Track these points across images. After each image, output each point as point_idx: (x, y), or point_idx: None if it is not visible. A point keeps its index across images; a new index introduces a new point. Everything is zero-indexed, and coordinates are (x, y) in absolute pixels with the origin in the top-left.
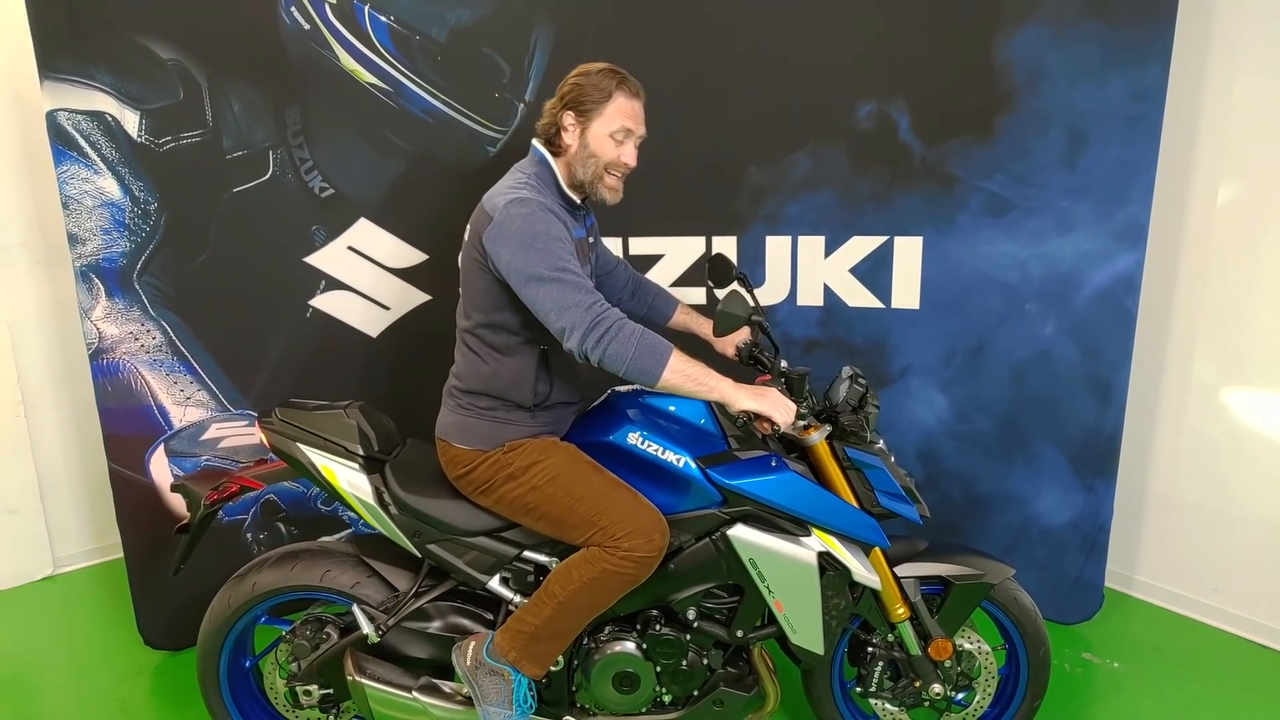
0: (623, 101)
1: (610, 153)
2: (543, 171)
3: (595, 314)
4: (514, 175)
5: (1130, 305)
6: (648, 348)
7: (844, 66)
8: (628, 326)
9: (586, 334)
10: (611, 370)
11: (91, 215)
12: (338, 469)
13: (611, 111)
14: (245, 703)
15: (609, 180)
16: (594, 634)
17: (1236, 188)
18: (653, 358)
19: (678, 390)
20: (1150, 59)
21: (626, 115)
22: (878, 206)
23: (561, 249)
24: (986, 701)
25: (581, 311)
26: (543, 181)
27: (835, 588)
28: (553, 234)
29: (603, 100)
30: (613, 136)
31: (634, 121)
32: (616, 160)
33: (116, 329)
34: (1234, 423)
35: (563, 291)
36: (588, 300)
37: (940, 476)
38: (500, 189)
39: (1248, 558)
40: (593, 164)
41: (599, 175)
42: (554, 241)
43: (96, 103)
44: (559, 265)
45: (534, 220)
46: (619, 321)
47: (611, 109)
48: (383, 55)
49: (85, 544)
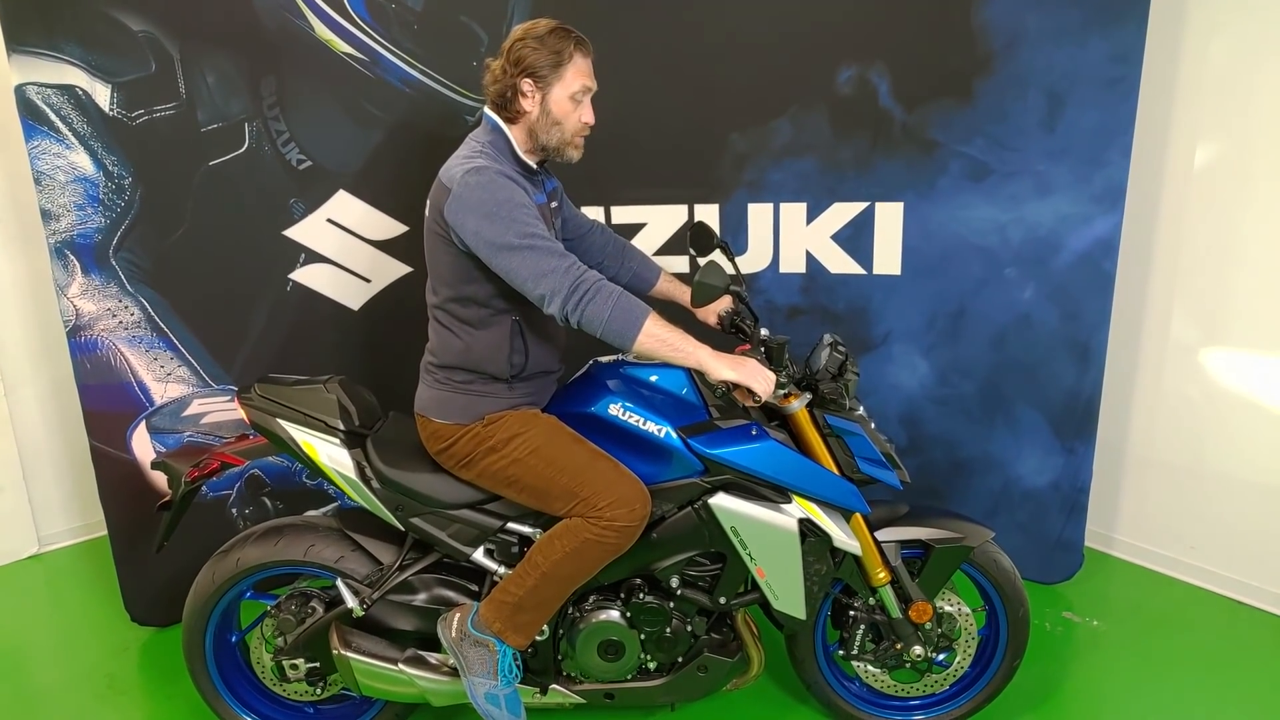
0: (580, 62)
1: (573, 115)
2: (497, 139)
3: (573, 277)
4: (468, 145)
5: (1108, 268)
6: (624, 310)
7: (824, 31)
8: (605, 288)
9: (567, 298)
10: (589, 331)
11: (65, 191)
12: (319, 444)
13: (571, 74)
14: (232, 677)
15: (577, 141)
16: (578, 603)
17: (1213, 149)
18: (628, 320)
19: (654, 355)
20: (1128, 19)
21: (584, 75)
22: (859, 172)
23: (526, 214)
24: (967, 662)
25: (559, 276)
26: (498, 149)
27: (816, 554)
28: (516, 200)
29: (561, 63)
30: (574, 98)
31: (590, 78)
32: (579, 122)
33: (94, 306)
34: (1211, 384)
35: (537, 258)
36: (563, 264)
37: (922, 441)
38: (455, 160)
39: (1224, 516)
40: (557, 131)
41: (567, 141)
42: (518, 208)
43: (66, 76)
44: (527, 231)
45: (494, 188)
46: (597, 283)
47: (570, 71)
48: (358, 24)
49: (69, 521)
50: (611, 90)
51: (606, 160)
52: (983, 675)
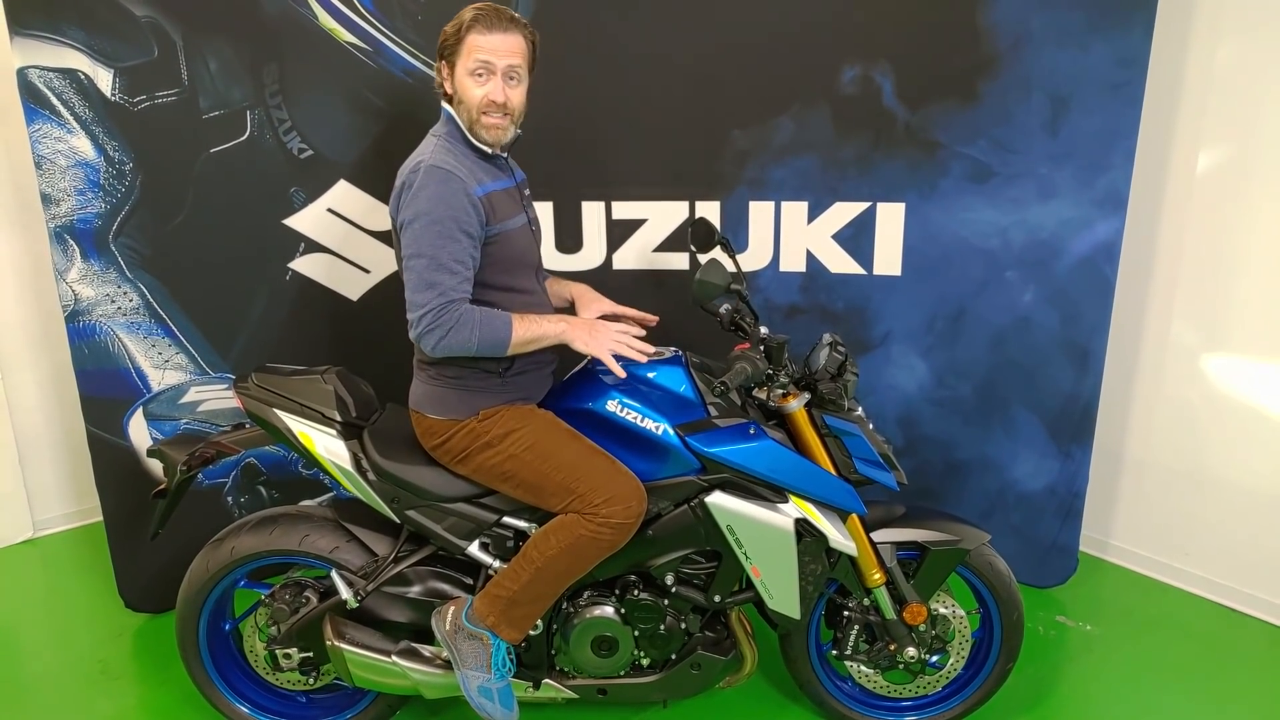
0: (476, 37)
1: (474, 94)
2: (451, 128)
3: (431, 319)
4: (427, 140)
5: (1109, 273)
6: (488, 331)
7: (828, 29)
8: (465, 316)
9: (423, 335)
10: (463, 355)
11: (65, 175)
12: (315, 435)
13: (466, 50)
14: (225, 665)
15: (486, 120)
16: (573, 599)
17: (1216, 155)
18: (496, 340)
19: (529, 349)
20: (1134, 24)
21: (483, 50)
22: (861, 172)
23: (437, 231)
24: (960, 664)
25: (421, 312)
26: (453, 138)
27: (812, 554)
28: (434, 214)
29: (458, 41)
30: (473, 75)
31: (494, 54)
32: (483, 100)
33: (93, 291)
34: (1210, 389)
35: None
36: (436, 302)
37: (919, 442)
38: (414, 155)
39: (1220, 523)
40: (464, 110)
41: (474, 120)
42: (431, 224)
43: (68, 60)
44: (419, 251)
45: (421, 196)
46: (458, 315)
47: (465, 48)
48: (361, 14)
49: (65, 507)
50: (612, 85)
51: (607, 156)
52: (976, 678)
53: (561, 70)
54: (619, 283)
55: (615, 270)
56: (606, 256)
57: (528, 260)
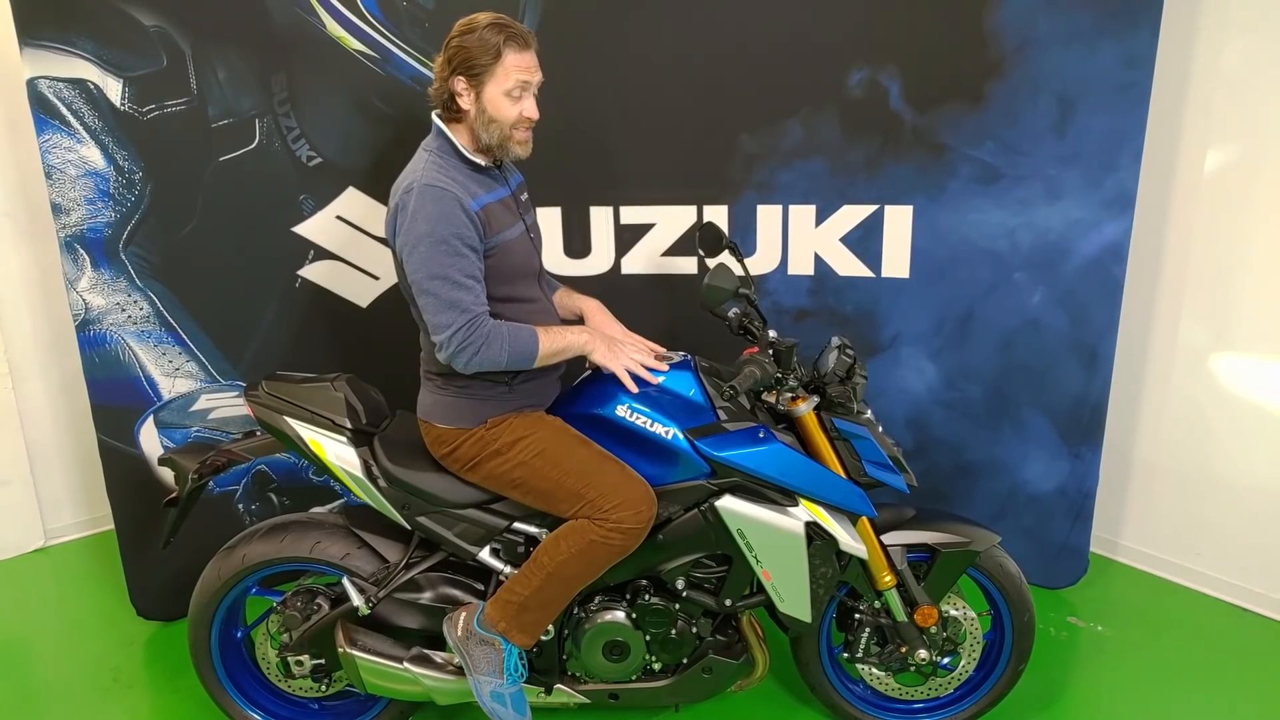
0: (513, 57)
1: (510, 113)
2: (443, 143)
3: (462, 337)
4: (418, 154)
5: (1117, 273)
6: (516, 346)
7: (835, 32)
8: (494, 334)
9: (454, 355)
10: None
11: (75, 185)
12: (325, 442)
13: (503, 70)
14: (238, 673)
15: (517, 136)
16: (584, 603)
17: (1224, 155)
18: (524, 354)
19: (555, 360)
20: (1140, 24)
21: (520, 69)
22: (869, 175)
23: (442, 250)
24: (971, 666)
25: (452, 333)
26: (444, 153)
27: (822, 557)
28: (436, 234)
29: (493, 60)
30: (509, 95)
31: (528, 73)
32: (519, 118)
33: (103, 300)
34: (1219, 389)
35: (437, 308)
36: (459, 321)
37: (929, 444)
38: (404, 173)
39: (1231, 522)
40: (495, 128)
41: (506, 136)
42: (436, 244)
43: (78, 70)
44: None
45: (419, 217)
46: (487, 331)
47: (503, 68)
48: (370, 22)
49: (76, 515)
50: (620, 90)
51: (615, 160)
52: (987, 679)
53: (569, 75)
54: (627, 287)
55: (624, 275)
56: (615, 261)
57: (528, 268)
